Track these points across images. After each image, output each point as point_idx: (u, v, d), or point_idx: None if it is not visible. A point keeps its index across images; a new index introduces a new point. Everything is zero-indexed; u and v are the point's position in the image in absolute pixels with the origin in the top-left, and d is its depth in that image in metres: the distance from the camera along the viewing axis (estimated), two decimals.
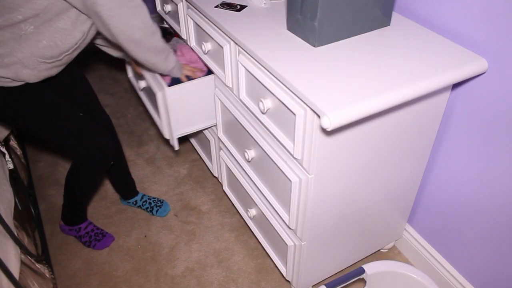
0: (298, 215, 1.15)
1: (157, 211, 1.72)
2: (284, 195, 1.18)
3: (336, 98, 0.89)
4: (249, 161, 1.33)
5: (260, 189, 1.30)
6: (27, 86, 1.21)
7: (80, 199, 1.53)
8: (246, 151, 1.28)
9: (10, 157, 1.52)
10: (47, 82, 1.29)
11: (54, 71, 1.24)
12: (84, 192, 1.50)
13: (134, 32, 1.15)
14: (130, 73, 1.84)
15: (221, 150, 1.57)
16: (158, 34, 1.24)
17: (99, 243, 1.60)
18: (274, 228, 1.32)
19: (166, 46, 1.31)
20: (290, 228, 1.24)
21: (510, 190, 1.09)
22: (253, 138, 1.24)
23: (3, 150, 1.48)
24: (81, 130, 1.30)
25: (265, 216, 1.34)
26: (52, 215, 1.74)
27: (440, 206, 1.34)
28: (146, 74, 1.49)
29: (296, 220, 1.17)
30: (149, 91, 1.60)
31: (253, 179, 1.33)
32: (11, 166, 1.38)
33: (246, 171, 1.36)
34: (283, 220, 1.25)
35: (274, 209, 1.29)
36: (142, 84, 1.62)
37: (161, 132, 1.45)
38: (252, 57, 1.12)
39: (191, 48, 1.52)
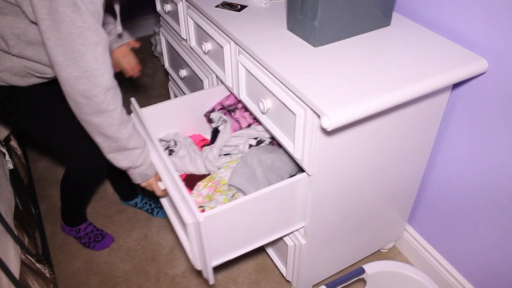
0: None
1: (157, 212, 1.72)
2: None
3: (336, 98, 0.89)
4: None
5: None
6: (19, 87, 1.18)
7: (76, 203, 1.53)
8: None
9: (11, 157, 1.52)
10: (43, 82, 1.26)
11: (45, 81, 1.21)
12: (79, 197, 1.49)
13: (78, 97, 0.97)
14: (166, 63, 1.86)
15: None
16: (111, 119, 1.01)
17: (98, 244, 1.60)
18: None
19: (129, 139, 1.06)
20: None
21: (510, 190, 1.09)
22: None
23: (4, 150, 1.48)
24: (74, 137, 1.27)
25: None
26: (53, 215, 1.74)
27: (440, 206, 1.34)
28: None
29: None
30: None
31: None
32: (11, 166, 1.38)
33: None
34: None
35: None
36: (184, 73, 1.57)
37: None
38: (252, 57, 1.12)
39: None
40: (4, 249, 1.11)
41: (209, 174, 1.31)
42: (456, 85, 1.15)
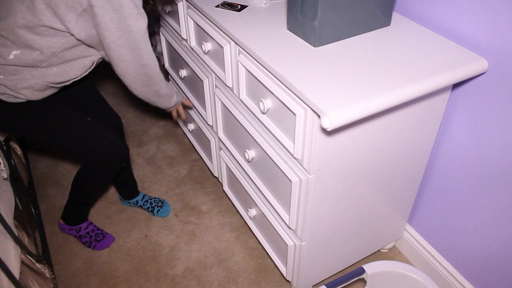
0: (298, 215, 1.15)
1: (158, 211, 1.72)
2: (284, 195, 1.18)
3: (336, 98, 0.89)
4: (249, 161, 1.34)
5: (260, 189, 1.30)
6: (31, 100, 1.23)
7: (87, 200, 1.54)
8: (246, 151, 1.28)
9: (11, 158, 1.52)
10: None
11: (58, 90, 1.29)
12: (93, 194, 1.51)
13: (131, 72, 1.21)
14: (166, 63, 1.88)
15: (221, 150, 1.57)
16: (161, 82, 1.31)
17: (99, 244, 1.60)
18: (274, 228, 1.32)
19: (170, 89, 1.38)
20: (290, 228, 1.24)
21: (510, 191, 1.09)
22: (253, 138, 1.24)
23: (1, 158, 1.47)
24: (93, 134, 1.32)
25: (265, 216, 1.34)
26: (53, 215, 1.74)
27: (440, 206, 1.34)
28: None
29: (296, 220, 1.17)
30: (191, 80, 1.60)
31: (253, 179, 1.33)
32: (5, 175, 1.37)
33: (246, 171, 1.36)
34: (283, 220, 1.25)
35: (274, 209, 1.29)
36: (184, 73, 1.67)
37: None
38: (252, 57, 1.12)
39: None
40: (4, 249, 1.11)
41: None
42: (456, 85, 1.15)
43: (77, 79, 1.26)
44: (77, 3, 1.05)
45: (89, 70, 1.26)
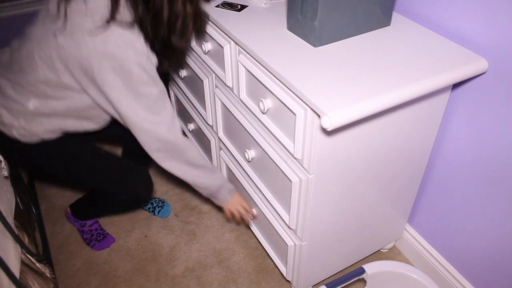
0: (298, 215, 1.15)
1: (159, 211, 1.72)
2: (284, 195, 1.18)
3: (336, 98, 0.90)
4: (249, 161, 1.34)
5: (260, 189, 1.30)
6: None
7: (103, 212, 1.58)
8: (246, 151, 1.29)
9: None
10: None
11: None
12: (111, 212, 1.54)
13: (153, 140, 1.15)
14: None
15: (221, 150, 1.57)
16: (189, 150, 1.22)
17: (99, 244, 1.60)
18: (274, 228, 1.32)
19: (204, 163, 1.26)
20: (290, 228, 1.24)
21: (510, 190, 1.09)
22: (253, 138, 1.24)
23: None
24: (120, 171, 1.33)
25: (265, 216, 1.34)
26: (53, 215, 1.74)
27: (440, 206, 1.34)
28: None
29: (296, 220, 1.17)
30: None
31: (253, 179, 1.33)
32: (5, 173, 1.38)
33: (246, 171, 1.36)
34: (283, 220, 1.25)
35: (274, 209, 1.29)
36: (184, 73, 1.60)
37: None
38: (253, 57, 1.12)
39: None
40: (4, 249, 1.11)
41: None
42: (456, 85, 1.15)
43: (92, 132, 1.26)
44: (90, 68, 1.01)
45: (103, 124, 1.26)
